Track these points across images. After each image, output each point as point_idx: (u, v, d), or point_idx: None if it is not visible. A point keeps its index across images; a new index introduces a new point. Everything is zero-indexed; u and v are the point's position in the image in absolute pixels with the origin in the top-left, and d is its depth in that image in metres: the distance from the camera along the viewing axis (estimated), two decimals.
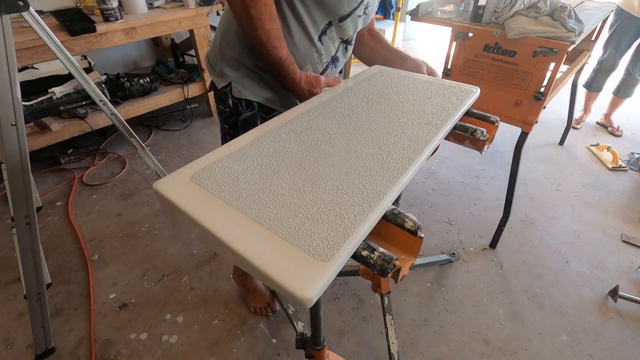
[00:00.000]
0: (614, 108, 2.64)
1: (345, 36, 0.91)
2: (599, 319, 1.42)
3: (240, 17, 0.76)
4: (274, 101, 0.93)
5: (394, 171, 0.64)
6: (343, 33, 0.89)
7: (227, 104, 0.94)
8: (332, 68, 0.96)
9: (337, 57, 0.95)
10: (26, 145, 1.04)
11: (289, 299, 0.83)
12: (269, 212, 0.56)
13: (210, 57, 0.96)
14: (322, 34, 0.86)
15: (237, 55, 0.88)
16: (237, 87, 0.91)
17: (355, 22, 0.88)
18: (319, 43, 0.87)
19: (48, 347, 1.26)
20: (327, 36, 0.87)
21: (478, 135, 0.87)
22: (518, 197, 2.02)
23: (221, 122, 1.02)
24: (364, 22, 0.95)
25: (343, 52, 0.95)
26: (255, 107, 0.92)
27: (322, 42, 0.87)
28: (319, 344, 0.93)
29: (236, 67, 0.90)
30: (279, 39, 0.78)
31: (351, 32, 0.90)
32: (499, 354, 1.30)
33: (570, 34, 1.17)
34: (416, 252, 0.60)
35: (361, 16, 0.90)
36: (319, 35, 0.85)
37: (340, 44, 0.92)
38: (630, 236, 1.78)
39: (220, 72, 0.92)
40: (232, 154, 0.70)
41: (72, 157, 2.27)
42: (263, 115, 0.93)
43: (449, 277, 1.58)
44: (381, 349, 1.31)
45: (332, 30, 0.86)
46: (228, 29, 0.88)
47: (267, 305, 1.40)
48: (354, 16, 0.86)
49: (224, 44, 0.90)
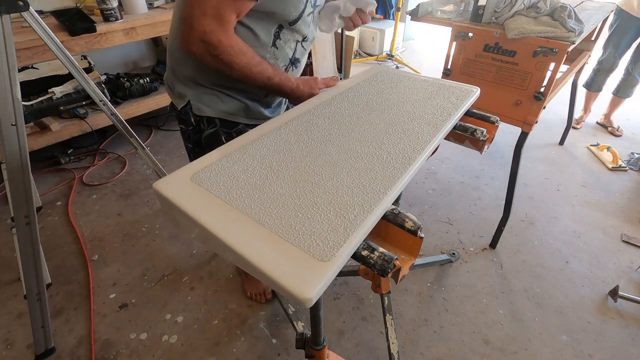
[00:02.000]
0: (614, 108, 2.64)
1: (301, 37, 0.89)
2: (599, 319, 1.42)
3: (215, 66, 0.76)
4: (237, 114, 0.93)
5: (394, 171, 0.64)
6: (297, 35, 0.88)
7: (189, 123, 0.93)
8: (292, 70, 0.94)
9: (297, 58, 0.93)
10: (26, 145, 1.04)
11: (289, 299, 0.83)
12: (269, 212, 0.56)
13: (168, 80, 0.95)
14: (276, 39, 0.84)
15: (191, 74, 0.87)
16: (197, 105, 0.90)
17: (307, 22, 0.87)
18: (273, 48, 0.85)
19: (48, 347, 1.26)
20: (282, 40, 0.85)
21: (478, 135, 0.87)
22: (518, 197, 2.02)
23: (185, 141, 1.01)
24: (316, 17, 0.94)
25: (302, 51, 0.93)
26: (217, 124, 0.92)
27: (277, 47, 0.86)
28: (319, 344, 0.93)
29: (193, 85, 0.88)
30: (259, 63, 0.79)
31: (305, 31, 0.88)
32: (499, 354, 1.30)
33: (570, 34, 1.17)
34: (416, 252, 0.60)
35: (312, 13, 0.87)
36: (272, 41, 0.84)
37: (298, 44, 0.90)
38: (630, 236, 1.78)
39: (178, 93, 0.91)
40: (232, 154, 0.70)
41: (72, 157, 2.27)
42: (226, 130, 0.93)
43: (449, 277, 1.58)
44: (381, 349, 1.31)
45: (284, 33, 0.85)
46: (179, 49, 0.85)
47: (262, 292, 1.42)
48: (304, 17, 0.84)
49: (176, 64, 0.89)
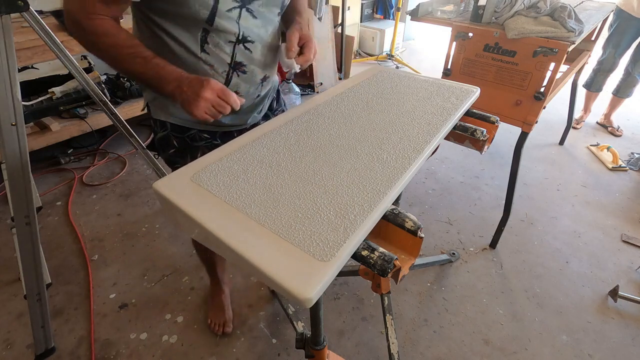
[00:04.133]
0: (614, 108, 2.64)
1: (233, 37, 0.76)
2: (599, 319, 1.42)
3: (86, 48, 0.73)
4: (187, 118, 0.88)
5: (394, 171, 0.64)
6: (227, 35, 0.75)
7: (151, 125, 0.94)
8: (239, 76, 0.82)
9: (239, 62, 0.80)
10: (26, 145, 1.04)
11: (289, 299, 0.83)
12: (269, 212, 0.56)
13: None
14: (204, 43, 0.75)
15: None
16: (152, 108, 0.90)
17: (231, 19, 0.73)
18: (204, 54, 0.77)
19: (48, 347, 1.26)
20: (210, 44, 0.76)
21: (478, 135, 0.87)
22: (518, 197, 2.02)
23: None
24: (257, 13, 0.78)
25: (246, 54, 0.80)
26: (167, 127, 0.90)
27: (207, 52, 0.76)
28: (319, 344, 0.93)
29: (148, 88, 0.85)
30: (131, 46, 0.71)
31: (235, 30, 0.75)
32: (499, 354, 1.30)
33: (570, 34, 1.17)
34: (416, 252, 0.60)
35: (240, 8, 0.74)
36: (200, 46, 0.76)
37: (236, 46, 0.78)
38: (630, 236, 1.78)
39: (144, 95, 0.93)
40: (232, 154, 0.70)
41: (72, 157, 2.27)
42: (177, 134, 0.90)
43: (449, 277, 1.58)
44: (381, 349, 1.31)
45: (212, 36, 0.75)
46: None
47: (222, 323, 1.35)
48: (222, 14, 0.71)
49: None
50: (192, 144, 0.92)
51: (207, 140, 0.92)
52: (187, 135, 0.90)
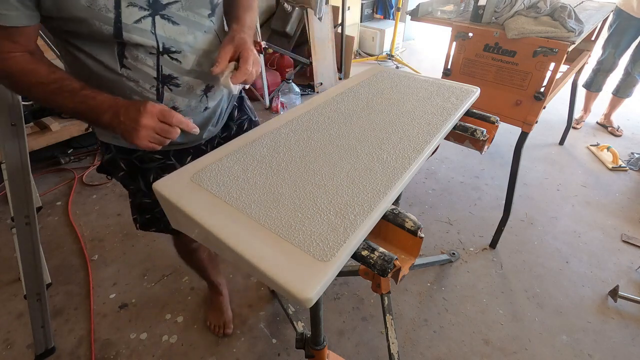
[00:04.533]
0: (614, 108, 2.64)
1: (154, 49, 0.67)
2: (599, 319, 1.42)
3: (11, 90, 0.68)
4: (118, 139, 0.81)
5: (394, 171, 0.64)
6: (146, 48, 0.67)
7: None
8: (171, 90, 0.74)
9: (169, 75, 0.71)
10: (26, 145, 1.04)
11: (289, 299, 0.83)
12: (268, 212, 0.56)
13: None
14: (122, 58, 0.67)
15: None
16: (95, 129, 0.85)
17: (143, 31, 0.64)
18: (125, 70, 0.68)
19: (48, 347, 1.26)
20: (130, 59, 0.67)
21: (478, 135, 0.87)
22: (518, 197, 2.02)
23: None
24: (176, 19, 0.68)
25: (174, 66, 0.71)
26: (112, 149, 0.84)
27: (129, 67, 0.68)
28: (319, 344, 0.93)
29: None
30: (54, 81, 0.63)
31: (152, 42, 0.66)
32: (499, 354, 1.30)
33: (570, 34, 1.17)
34: (416, 252, 0.60)
35: (152, 16, 0.65)
36: (119, 62, 0.68)
37: (160, 58, 0.69)
38: (630, 236, 1.78)
39: None
40: (232, 154, 0.70)
41: (72, 157, 2.27)
42: (124, 156, 0.85)
43: (449, 277, 1.58)
44: (381, 349, 1.31)
45: (130, 50, 0.66)
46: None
47: (222, 324, 1.35)
48: (128, 26, 0.63)
49: None
50: (142, 165, 0.85)
51: (160, 161, 0.86)
52: (135, 157, 0.84)
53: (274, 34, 3.32)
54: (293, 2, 2.72)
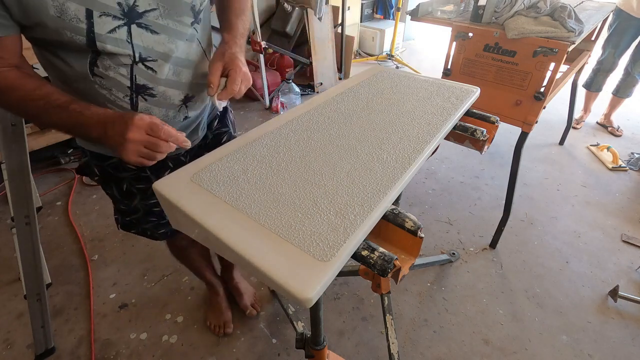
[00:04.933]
0: (614, 108, 2.64)
1: (128, 59, 0.64)
2: (599, 319, 1.42)
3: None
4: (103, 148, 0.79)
5: (394, 171, 0.64)
6: (120, 57, 0.64)
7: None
8: (146, 100, 0.70)
9: (143, 85, 0.68)
10: (26, 145, 1.04)
11: (289, 299, 0.83)
12: (268, 212, 0.56)
13: None
14: (93, 67, 0.64)
15: None
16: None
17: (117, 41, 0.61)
18: (97, 78, 0.65)
19: (48, 347, 1.26)
20: (101, 68, 0.64)
21: (478, 135, 0.87)
22: (518, 197, 2.02)
23: None
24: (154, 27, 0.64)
25: (149, 75, 0.68)
26: (87, 154, 0.83)
27: (100, 76, 0.65)
28: (319, 344, 0.93)
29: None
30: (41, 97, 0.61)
31: (130, 50, 0.63)
32: (499, 354, 1.30)
33: (570, 34, 1.17)
34: (416, 252, 0.60)
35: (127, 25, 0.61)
36: (90, 70, 0.64)
37: (134, 67, 0.66)
38: (630, 236, 1.78)
39: None
40: (232, 154, 0.70)
41: (72, 157, 2.27)
42: (97, 162, 0.83)
43: (449, 277, 1.58)
44: (381, 349, 1.31)
45: (102, 59, 0.63)
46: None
47: (222, 324, 1.35)
48: (101, 37, 0.59)
49: None
50: (116, 174, 0.84)
51: (133, 172, 0.84)
52: (108, 163, 0.82)
53: (274, 34, 3.32)
54: (293, 2, 2.72)
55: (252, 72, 3.17)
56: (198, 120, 0.84)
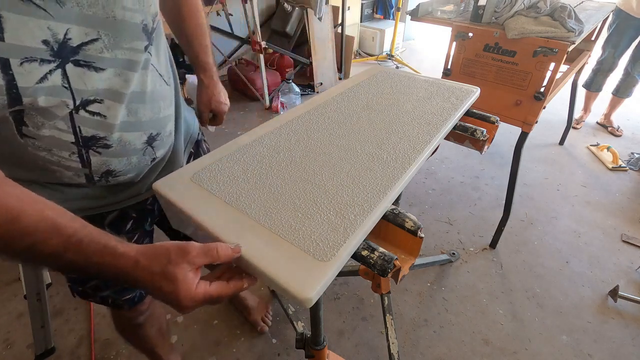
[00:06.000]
0: (614, 108, 2.64)
1: (65, 109, 0.50)
2: (599, 319, 1.42)
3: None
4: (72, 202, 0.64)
5: (394, 171, 0.64)
6: (55, 109, 0.49)
7: None
8: (100, 153, 0.57)
9: (92, 136, 0.54)
10: None
11: (289, 299, 0.83)
12: (268, 212, 0.56)
13: None
14: (20, 125, 0.49)
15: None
16: None
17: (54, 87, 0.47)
18: (29, 139, 0.51)
19: (48, 347, 1.26)
20: (31, 126, 0.50)
21: (478, 135, 0.87)
22: (518, 197, 2.02)
23: None
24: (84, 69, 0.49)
25: (96, 122, 0.54)
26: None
27: (32, 136, 0.51)
28: (319, 344, 0.93)
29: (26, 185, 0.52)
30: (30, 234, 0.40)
31: (69, 97, 0.49)
32: (499, 354, 1.30)
33: (570, 34, 1.17)
34: (416, 252, 0.60)
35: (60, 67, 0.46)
36: (17, 131, 0.50)
37: (74, 116, 0.51)
38: (630, 236, 1.78)
39: None
40: (232, 154, 0.70)
41: None
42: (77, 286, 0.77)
43: (449, 277, 1.58)
44: (381, 349, 1.31)
45: (30, 116, 0.49)
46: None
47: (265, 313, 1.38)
48: (31, 91, 0.45)
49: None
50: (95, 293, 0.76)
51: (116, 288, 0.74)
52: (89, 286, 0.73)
53: (274, 34, 3.32)
54: (293, 2, 2.72)
55: (252, 72, 3.17)
56: (168, 157, 0.72)
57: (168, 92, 0.65)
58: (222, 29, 3.09)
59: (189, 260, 0.43)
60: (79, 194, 0.63)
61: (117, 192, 0.67)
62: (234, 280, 0.48)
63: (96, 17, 0.47)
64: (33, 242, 0.40)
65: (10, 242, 0.40)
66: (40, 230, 0.40)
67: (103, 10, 0.48)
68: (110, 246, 0.43)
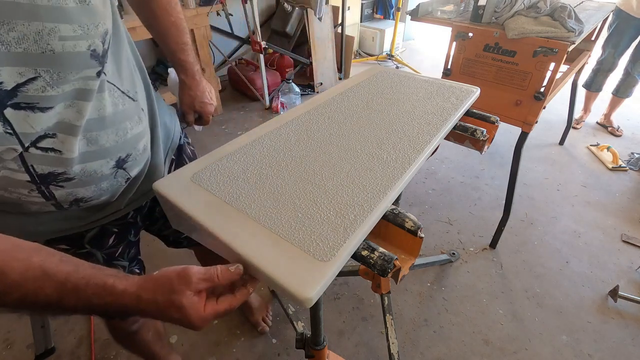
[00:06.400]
0: (614, 108, 2.64)
1: (12, 152, 0.45)
2: (599, 319, 1.42)
3: None
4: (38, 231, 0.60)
5: (394, 171, 0.64)
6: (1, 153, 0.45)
7: None
8: (63, 187, 0.52)
9: (49, 173, 0.50)
10: None
11: (289, 299, 0.83)
12: (268, 212, 0.56)
13: None
14: None
15: None
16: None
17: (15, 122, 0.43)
18: None
19: (48, 347, 1.26)
20: None
21: (478, 135, 0.87)
22: (518, 197, 2.02)
23: None
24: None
25: (52, 159, 0.49)
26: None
27: None
28: (319, 344, 0.93)
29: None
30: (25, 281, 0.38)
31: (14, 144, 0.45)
32: (499, 354, 1.30)
33: (570, 34, 1.17)
34: (416, 252, 0.60)
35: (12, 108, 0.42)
36: None
37: (25, 156, 0.47)
38: (630, 236, 1.78)
39: None
40: (232, 154, 0.70)
41: None
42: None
43: (449, 277, 1.58)
44: (381, 349, 1.31)
45: None
46: None
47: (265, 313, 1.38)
48: None
49: None
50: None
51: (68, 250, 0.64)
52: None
53: (274, 34, 3.32)
54: (293, 2, 2.72)
55: (252, 72, 3.16)
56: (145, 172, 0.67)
57: (134, 108, 0.58)
58: (222, 29, 3.09)
59: (192, 287, 0.43)
60: (52, 217, 0.59)
61: (94, 212, 0.63)
62: (239, 291, 0.48)
63: (28, 54, 0.40)
64: (24, 294, 0.38)
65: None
66: (30, 280, 0.38)
67: (36, 45, 0.41)
68: (109, 285, 0.41)
